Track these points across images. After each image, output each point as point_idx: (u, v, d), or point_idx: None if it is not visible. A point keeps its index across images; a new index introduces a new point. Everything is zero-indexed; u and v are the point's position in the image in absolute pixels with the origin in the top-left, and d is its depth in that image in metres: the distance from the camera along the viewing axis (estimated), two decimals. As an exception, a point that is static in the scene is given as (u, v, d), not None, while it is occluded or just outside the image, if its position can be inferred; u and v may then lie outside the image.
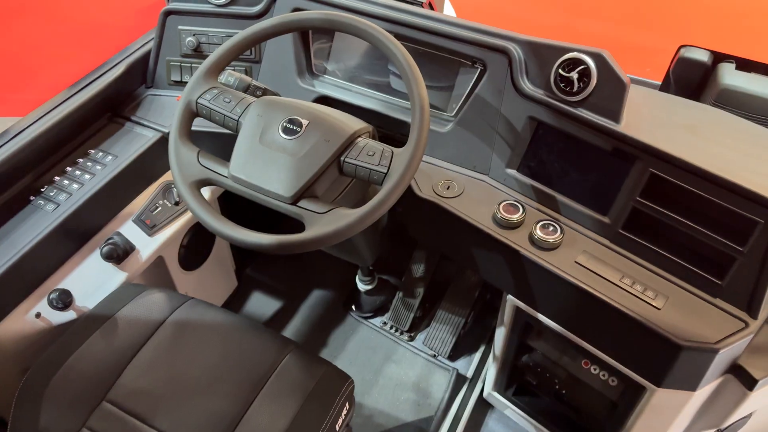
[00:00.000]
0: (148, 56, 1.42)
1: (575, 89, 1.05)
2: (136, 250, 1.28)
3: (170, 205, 1.36)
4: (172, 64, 1.40)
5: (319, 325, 1.80)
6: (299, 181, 0.95)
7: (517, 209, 1.10)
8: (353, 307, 1.83)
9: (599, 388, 1.17)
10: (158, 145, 1.34)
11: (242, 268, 1.88)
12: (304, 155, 0.96)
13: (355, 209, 0.92)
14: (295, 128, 0.98)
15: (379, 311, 1.81)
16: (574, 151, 1.09)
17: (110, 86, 1.34)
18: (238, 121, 1.02)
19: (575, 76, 1.05)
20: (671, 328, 0.94)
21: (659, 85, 1.38)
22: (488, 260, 1.14)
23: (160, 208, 1.34)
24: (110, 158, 1.28)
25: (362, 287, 1.73)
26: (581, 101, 1.06)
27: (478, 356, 1.69)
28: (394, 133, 1.26)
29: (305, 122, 0.99)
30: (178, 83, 1.42)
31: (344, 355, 1.71)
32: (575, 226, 1.10)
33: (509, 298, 1.18)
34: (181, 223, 1.38)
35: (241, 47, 1.07)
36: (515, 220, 1.09)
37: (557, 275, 1.03)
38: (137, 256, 1.28)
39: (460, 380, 1.64)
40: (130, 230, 1.29)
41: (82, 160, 1.28)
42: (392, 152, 0.95)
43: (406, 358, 1.70)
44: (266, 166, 0.97)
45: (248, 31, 1.06)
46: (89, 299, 1.20)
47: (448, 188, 1.17)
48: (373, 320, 1.80)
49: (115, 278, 1.24)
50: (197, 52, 1.37)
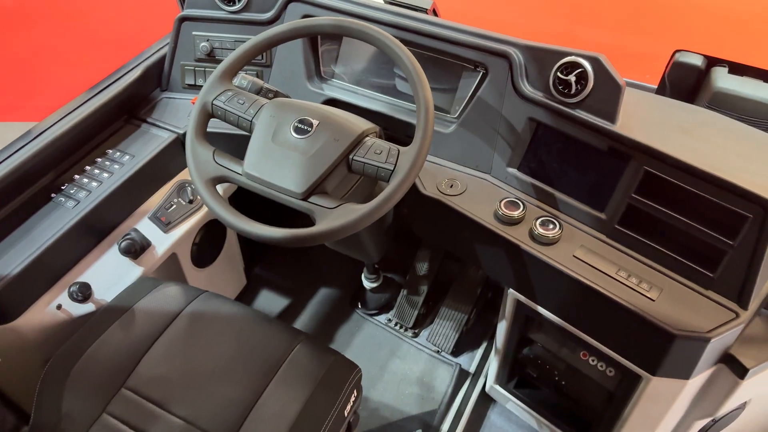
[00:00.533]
0: (163, 60, 1.47)
1: (573, 91, 1.10)
2: (151, 246, 1.33)
3: (184, 203, 1.41)
4: (186, 68, 1.46)
5: (326, 321, 1.84)
6: (310, 178, 0.99)
7: (517, 206, 1.15)
8: (359, 304, 1.87)
9: (597, 378, 1.21)
10: (173, 145, 1.39)
11: (251, 266, 1.93)
12: (314, 154, 1.01)
13: (363, 204, 0.97)
14: (305, 128, 1.03)
15: (384, 308, 1.85)
16: (572, 150, 1.14)
17: (127, 89, 1.39)
18: (251, 121, 1.07)
19: (573, 78, 1.09)
20: (665, 318, 0.98)
21: (655, 88, 1.42)
22: (490, 255, 1.19)
23: (174, 206, 1.39)
24: (127, 158, 1.34)
25: (368, 285, 1.78)
26: (579, 103, 1.11)
27: (480, 352, 1.73)
28: (399, 134, 1.31)
29: (315, 122, 1.03)
30: (191, 87, 1.47)
31: (350, 350, 1.76)
32: (573, 222, 1.15)
33: (510, 292, 1.23)
34: (194, 221, 1.43)
35: (254, 52, 1.12)
36: (516, 216, 1.14)
37: (556, 269, 1.07)
38: (153, 251, 1.33)
39: (463, 375, 1.68)
40: (146, 227, 1.34)
41: (100, 159, 1.33)
42: (398, 150, 1.00)
43: (410, 353, 1.74)
44: (278, 163, 1.01)
45: (261, 36, 1.11)
46: (107, 292, 1.25)
47: (451, 186, 1.22)
48: (378, 317, 1.85)
49: (132, 272, 1.30)
50: (210, 56, 1.43)
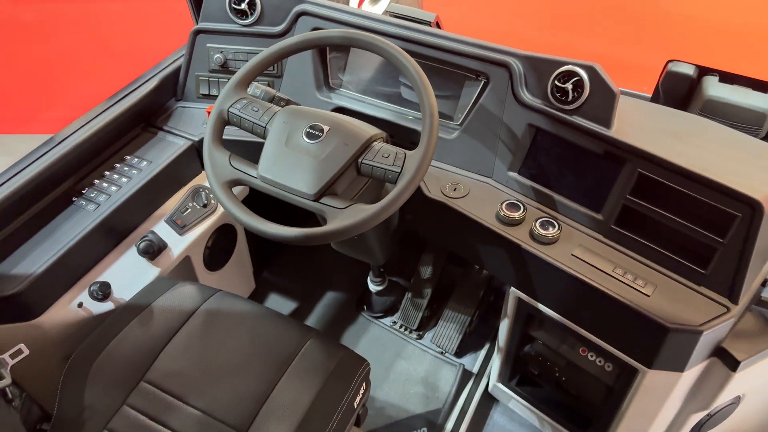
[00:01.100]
0: (178, 71, 1.54)
1: (570, 99, 1.16)
2: (168, 247, 1.38)
3: (199, 207, 1.47)
4: (200, 78, 1.52)
5: (333, 324, 1.89)
6: (321, 180, 1.05)
7: (518, 208, 1.20)
8: (365, 307, 1.92)
9: (596, 373, 1.26)
10: (188, 152, 1.45)
11: (260, 270, 1.98)
12: (325, 157, 1.06)
13: (371, 205, 1.02)
14: (317, 133, 1.08)
15: (389, 311, 1.90)
16: (569, 154, 1.20)
17: (144, 99, 1.45)
18: (265, 128, 1.12)
19: (570, 86, 1.15)
20: (660, 312, 1.03)
21: (650, 97, 1.48)
22: (492, 255, 1.24)
23: (189, 209, 1.45)
24: (145, 164, 1.40)
25: (373, 288, 1.83)
26: (576, 109, 1.16)
27: (483, 353, 1.78)
28: (404, 141, 1.37)
29: (326, 128, 1.09)
30: (206, 96, 1.54)
31: (357, 352, 1.80)
32: (571, 222, 1.20)
33: (512, 290, 1.28)
34: (207, 225, 1.48)
35: (268, 62, 1.18)
36: (516, 217, 1.19)
37: (556, 267, 1.12)
38: (169, 253, 1.39)
39: (466, 375, 1.73)
40: (162, 229, 1.40)
41: (119, 165, 1.39)
42: (405, 154, 1.06)
43: (415, 354, 1.79)
44: (291, 167, 1.07)
45: (275, 47, 1.17)
46: (126, 291, 1.30)
47: (455, 190, 1.28)
48: (383, 320, 1.89)
49: (149, 273, 1.35)
50: (224, 67, 1.49)
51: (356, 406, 1.17)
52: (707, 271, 1.06)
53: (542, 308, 1.23)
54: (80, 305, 1.25)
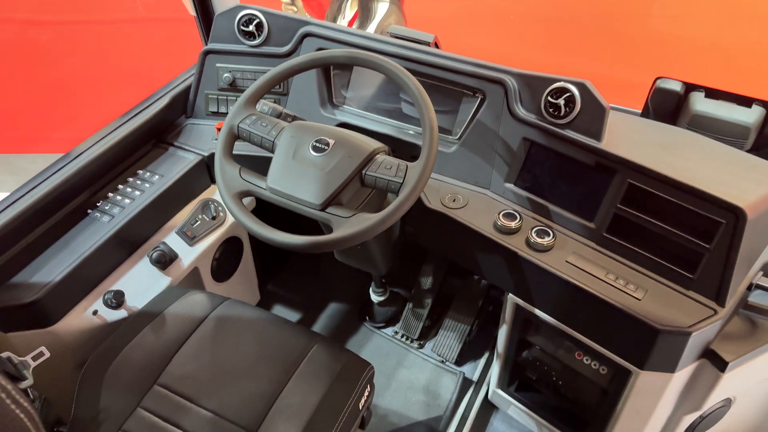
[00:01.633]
0: (188, 90, 1.60)
1: (562, 113, 1.22)
2: (178, 258, 1.43)
3: (208, 219, 1.52)
4: (210, 96, 1.59)
5: (336, 334, 1.94)
6: (327, 190, 1.10)
7: (514, 218, 1.26)
8: (367, 318, 1.97)
9: (591, 376, 1.30)
10: (198, 166, 1.51)
11: (264, 283, 2.03)
12: (331, 169, 1.12)
13: (375, 214, 1.08)
14: (322, 147, 1.14)
15: (390, 321, 1.95)
16: (563, 166, 1.26)
17: (156, 116, 1.52)
18: (273, 142, 1.18)
19: (562, 102, 1.22)
20: (650, 315, 1.07)
21: (640, 112, 1.54)
22: (490, 262, 1.30)
23: (199, 221, 1.51)
24: (157, 177, 1.46)
25: (375, 298, 1.87)
26: (568, 123, 1.23)
27: (482, 362, 1.82)
28: (404, 155, 1.43)
29: (332, 142, 1.15)
30: (215, 113, 1.60)
31: (360, 360, 1.85)
32: (565, 231, 1.26)
33: (509, 296, 1.33)
34: (215, 237, 1.54)
35: (276, 80, 1.24)
36: (513, 226, 1.25)
37: (551, 273, 1.17)
38: (179, 263, 1.44)
39: (466, 383, 1.77)
40: (173, 240, 1.46)
41: (132, 179, 1.45)
42: (407, 166, 1.11)
43: (416, 363, 1.83)
44: (299, 178, 1.13)
45: (282, 66, 1.24)
46: (139, 299, 1.35)
47: (454, 201, 1.33)
48: (385, 330, 1.94)
49: (160, 282, 1.40)
50: (233, 86, 1.56)
51: (361, 407, 1.22)
52: (695, 275, 1.11)
53: (539, 313, 1.28)
54: (95, 313, 1.30)
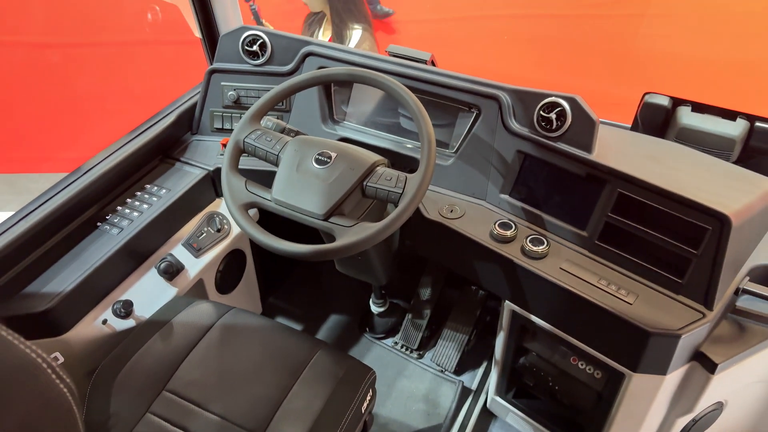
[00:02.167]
0: (194, 107, 1.66)
1: (554, 127, 1.28)
2: (185, 269, 1.48)
3: (213, 231, 1.57)
4: (215, 114, 1.64)
5: (337, 345, 1.97)
6: (330, 201, 1.15)
7: (509, 227, 1.31)
8: (367, 329, 2.01)
9: (586, 381, 1.34)
10: (203, 181, 1.56)
11: (266, 295, 2.07)
12: (333, 181, 1.17)
13: (376, 223, 1.13)
14: (325, 159, 1.19)
15: (390, 332, 1.98)
16: (555, 177, 1.31)
17: (162, 132, 1.57)
18: (277, 155, 1.23)
19: (554, 116, 1.27)
20: (641, 319, 1.12)
21: (630, 127, 1.60)
22: (487, 270, 1.34)
23: (204, 234, 1.55)
24: (164, 191, 1.50)
25: (375, 309, 1.92)
26: (560, 136, 1.28)
27: (481, 371, 1.86)
28: (403, 167, 1.47)
29: (334, 155, 1.20)
30: (220, 130, 1.66)
31: (361, 370, 1.89)
32: (559, 239, 1.31)
33: (506, 303, 1.37)
34: (220, 249, 1.58)
35: (279, 97, 1.30)
36: (509, 235, 1.30)
37: (546, 279, 1.22)
38: (186, 274, 1.48)
39: (465, 392, 1.81)
40: (180, 252, 1.50)
41: (139, 193, 1.50)
42: (406, 177, 1.17)
43: (416, 373, 1.87)
44: (302, 190, 1.18)
45: (286, 83, 1.30)
46: (146, 309, 1.39)
47: (451, 211, 1.38)
48: (385, 341, 1.97)
49: (167, 292, 1.44)
50: (237, 103, 1.62)
51: (363, 412, 1.25)
52: (684, 280, 1.15)
53: (534, 319, 1.32)
54: (104, 322, 1.33)
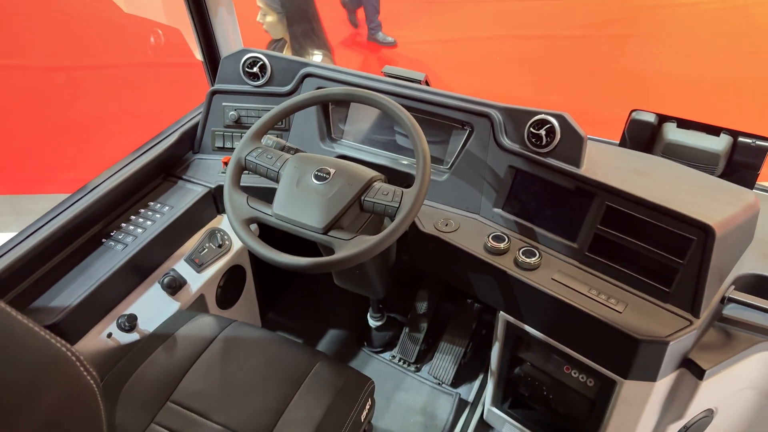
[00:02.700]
0: (196, 127, 1.71)
1: (544, 143, 1.33)
2: (187, 284, 1.51)
3: (214, 247, 1.61)
4: (216, 133, 1.69)
5: (335, 359, 2.00)
6: (329, 215, 1.19)
7: (503, 240, 1.35)
8: (365, 343, 2.03)
9: (580, 389, 1.37)
10: (205, 198, 1.60)
11: (266, 311, 2.10)
12: (332, 196, 1.21)
13: (374, 236, 1.17)
14: (324, 175, 1.24)
15: (388, 346, 2.01)
16: (546, 191, 1.36)
17: (165, 152, 1.62)
18: (278, 172, 1.28)
19: (543, 132, 1.33)
20: (631, 326, 1.15)
21: (618, 143, 1.65)
22: (482, 282, 1.38)
23: (206, 249, 1.59)
24: (167, 209, 1.55)
25: (373, 324, 1.95)
26: (549, 152, 1.33)
27: (477, 383, 1.89)
28: (399, 183, 1.52)
29: (332, 171, 1.25)
30: (221, 149, 1.70)
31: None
32: (550, 251, 1.35)
33: (500, 314, 1.41)
34: (221, 264, 1.62)
35: (280, 116, 1.35)
36: (502, 248, 1.34)
37: (538, 290, 1.26)
38: (188, 289, 1.52)
39: (462, 404, 1.84)
40: (182, 267, 1.54)
41: (143, 210, 1.54)
42: (402, 191, 1.21)
43: (413, 386, 1.90)
44: (302, 205, 1.22)
45: (286, 103, 1.35)
46: (150, 323, 1.43)
47: (446, 225, 1.43)
48: (383, 354, 2.00)
49: (170, 306, 1.48)
50: (238, 123, 1.67)
51: (363, 420, 1.28)
52: (671, 289, 1.19)
53: (528, 329, 1.36)
54: (109, 335, 1.37)
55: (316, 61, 2.98)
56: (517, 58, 4.95)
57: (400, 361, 1.97)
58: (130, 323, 1.37)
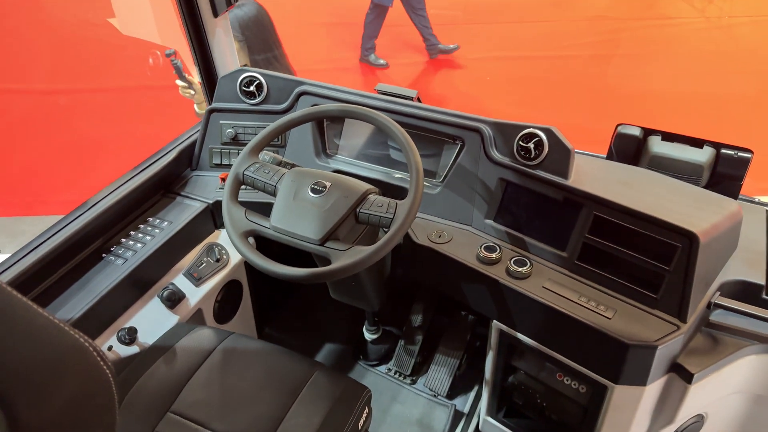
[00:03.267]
0: (194, 144, 1.75)
1: (533, 156, 1.38)
2: (186, 297, 1.54)
3: (212, 261, 1.64)
4: (213, 150, 1.73)
5: (333, 369, 2.01)
6: (325, 227, 1.23)
7: (494, 250, 1.39)
8: (361, 356, 2.05)
9: (572, 395, 1.40)
10: (203, 213, 1.64)
11: (262, 326, 2.12)
12: (328, 208, 1.25)
13: (369, 246, 1.20)
14: (320, 189, 1.27)
15: (384, 359, 2.03)
16: (535, 202, 1.40)
17: (164, 169, 1.65)
18: (275, 186, 1.31)
19: (532, 145, 1.37)
20: (620, 332, 1.19)
21: (605, 157, 1.70)
22: (475, 291, 1.41)
23: (204, 264, 1.62)
24: (165, 224, 1.58)
25: (369, 336, 1.97)
26: (538, 164, 1.38)
27: (472, 394, 1.91)
28: (393, 197, 1.56)
29: (328, 184, 1.28)
30: (218, 166, 1.74)
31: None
32: (541, 260, 1.39)
33: (494, 323, 1.44)
34: (218, 278, 1.65)
35: (277, 132, 1.39)
36: (494, 258, 1.37)
37: (530, 298, 1.29)
38: (186, 302, 1.54)
39: (458, 415, 1.85)
40: (181, 281, 1.56)
41: (142, 225, 1.57)
42: (396, 203, 1.25)
43: (409, 398, 1.91)
44: (299, 217, 1.25)
45: (283, 119, 1.39)
46: (150, 336, 1.45)
47: (439, 237, 1.46)
48: (379, 367, 2.02)
49: (169, 320, 1.50)
50: (235, 140, 1.71)
51: (360, 428, 1.30)
52: (658, 295, 1.23)
53: (521, 337, 1.39)
54: (110, 348, 1.38)
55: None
56: (505, 77, 5.07)
57: (396, 373, 1.99)
58: (130, 336, 1.39)
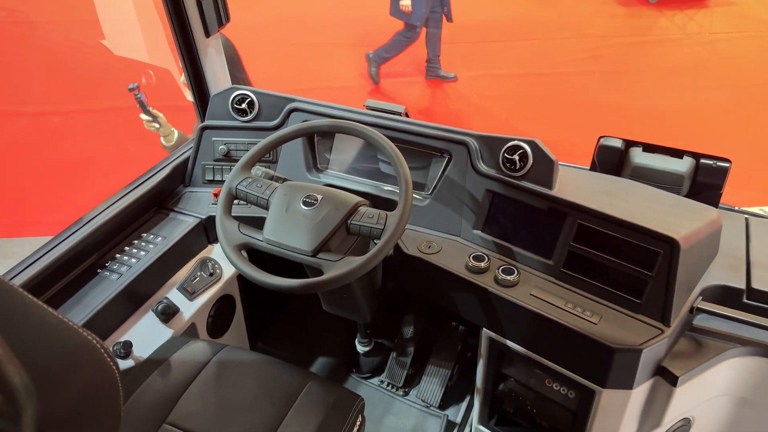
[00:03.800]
0: (187, 161, 1.78)
1: (518, 167, 1.42)
2: (180, 311, 1.56)
3: (206, 275, 1.66)
4: (206, 167, 1.76)
5: (326, 379, 2.03)
6: (317, 239, 1.26)
7: (483, 259, 1.42)
8: (354, 369, 2.07)
9: (561, 401, 1.42)
10: (196, 228, 1.66)
11: (255, 341, 2.13)
12: (320, 220, 1.28)
13: (360, 256, 1.23)
14: (312, 201, 1.31)
15: (376, 371, 2.05)
16: (521, 212, 1.44)
17: (157, 185, 1.68)
18: (268, 200, 1.35)
19: (517, 157, 1.42)
20: (606, 337, 1.22)
21: (588, 168, 1.75)
22: (465, 300, 1.45)
23: (198, 278, 1.64)
24: (159, 239, 1.60)
25: (361, 349, 1.99)
26: (523, 175, 1.42)
27: (464, 405, 1.93)
28: (383, 209, 1.60)
29: (320, 197, 1.32)
30: (211, 182, 1.77)
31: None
32: (528, 269, 1.42)
33: (484, 331, 1.47)
34: (212, 293, 1.67)
35: (269, 147, 1.42)
36: (482, 267, 1.41)
37: (518, 305, 1.33)
38: (181, 316, 1.56)
39: (450, 425, 1.87)
40: (175, 295, 1.58)
41: (137, 241, 1.59)
42: (386, 214, 1.28)
43: (402, 409, 1.93)
44: (292, 229, 1.28)
45: (275, 135, 1.42)
46: (144, 349, 1.46)
47: (429, 247, 1.50)
48: (371, 380, 2.04)
49: (164, 333, 1.51)
50: (227, 157, 1.74)
51: None
52: (642, 300, 1.26)
53: (510, 344, 1.42)
54: None
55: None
56: (491, 95, 5.16)
57: (388, 385, 2.01)
58: (125, 350, 1.40)
